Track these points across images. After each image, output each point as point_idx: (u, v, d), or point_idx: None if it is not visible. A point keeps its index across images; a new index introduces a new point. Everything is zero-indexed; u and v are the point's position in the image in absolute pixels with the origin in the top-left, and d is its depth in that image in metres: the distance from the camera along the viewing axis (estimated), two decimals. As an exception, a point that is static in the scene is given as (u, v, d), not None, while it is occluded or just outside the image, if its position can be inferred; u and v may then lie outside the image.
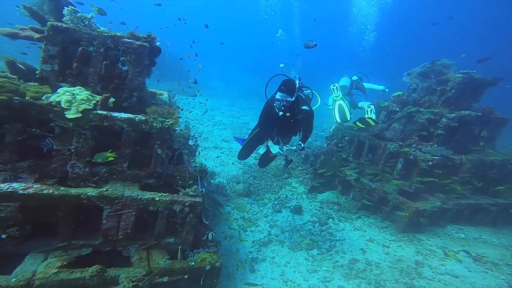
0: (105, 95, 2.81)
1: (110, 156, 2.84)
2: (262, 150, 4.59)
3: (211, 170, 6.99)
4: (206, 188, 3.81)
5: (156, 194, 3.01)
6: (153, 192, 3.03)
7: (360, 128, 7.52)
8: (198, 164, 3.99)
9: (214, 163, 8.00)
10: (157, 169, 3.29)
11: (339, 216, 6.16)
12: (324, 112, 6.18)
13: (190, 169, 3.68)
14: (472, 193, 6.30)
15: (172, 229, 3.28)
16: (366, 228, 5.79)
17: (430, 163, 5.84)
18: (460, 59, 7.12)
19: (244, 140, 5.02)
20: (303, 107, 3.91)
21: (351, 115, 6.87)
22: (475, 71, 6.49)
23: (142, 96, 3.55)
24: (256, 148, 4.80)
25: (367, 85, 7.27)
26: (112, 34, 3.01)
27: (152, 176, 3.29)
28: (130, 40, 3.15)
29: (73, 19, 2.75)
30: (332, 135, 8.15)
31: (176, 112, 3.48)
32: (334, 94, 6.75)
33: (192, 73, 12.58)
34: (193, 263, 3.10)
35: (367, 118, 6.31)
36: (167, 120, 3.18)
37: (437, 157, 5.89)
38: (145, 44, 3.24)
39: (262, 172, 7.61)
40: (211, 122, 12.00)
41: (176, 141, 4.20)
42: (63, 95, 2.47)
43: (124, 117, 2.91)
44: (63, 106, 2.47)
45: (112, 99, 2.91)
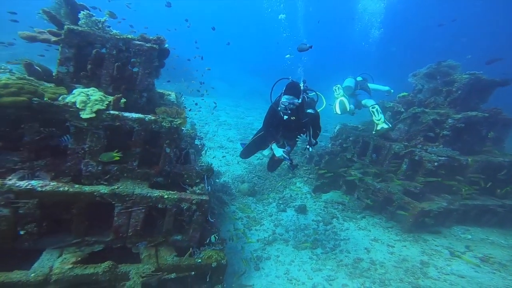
0: (117, 96, 2.91)
1: (116, 156, 2.93)
2: (266, 152, 4.64)
3: (217, 169, 7.07)
4: (212, 187, 3.88)
5: (165, 192, 3.10)
6: (161, 190, 3.11)
7: (366, 128, 7.54)
8: (204, 163, 4.07)
9: (219, 162, 8.09)
10: (165, 167, 3.38)
11: (343, 215, 6.18)
12: (329, 113, 6.19)
13: (196, 168, 3.76)
14: (479, 194, 6.24)
15: (179, 226, 3.36)
16: (371, 228, 5.80)
17: (436, 164, 5.82)
18: (465, 60, 7.06)
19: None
20: (308, 111, 3.87)
21: (352, 106, 6.91)
22: (482, 72, 6.45)
23: (151, 97, 3.66)
24: (260, 150, 4.82)
25: (372, 85, 7.27)
26: (124, 36, 3.11)
27: (160, 175, 3.38)
28: (140, 42, 3.25)
29: (88, 22, 2.87)
30: (336, 135, 8.16)
31: (184, 112, 3.58)
32: (336, 93, 6.88)
33: (198, 73, 12.77)
34: (199, 260, 3.17)
35: (380, 127, 6.42)
36: (176, 120, 3.27)
37: (443, 157, 5.87)
38: (154, 46, 3.34)
39: (267, 172, 7.65)
40: (216, 122, 12.11)
41: (183, 140, 4.29)
42: (78, 96, 2.58)
43: (135, 117, 3.01)
44: (78, 106, 2.57)
45: (123, 100, 3.01)
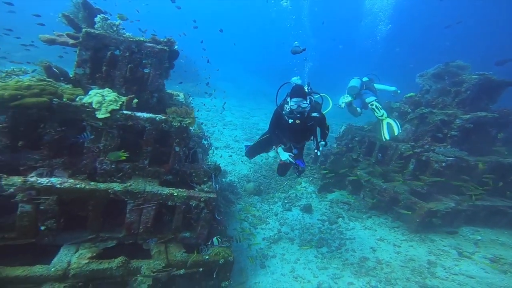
0: (129, 96, 3.02)
1: (122, 155, 3.04)
2: (272, 154, 4.68)
3: (223, 169, 7.16)
4: (219, 185, 3.95)
5: (174, 189, 3.19)
6: (171, 188, 3.21)
7: (372, 129, 7.52)
8: (211, 162, 4.15)
9: (226, 162, 8.19)
10: (175, 166, 3.48)
11: (349, 215, 6.19)
12: (334, 113, 6.16)
13: (204, 166, 3.85)
14: (489, 195, 6.17)
15: (187, 224, 3.46)
16: (377, 228, 5.79)
17: (444, 164, 5.78)
18: (472, 61, 6.98)
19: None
20: (313, 114, 3.82)
21: (359, 109, 6.79)
22: (491, 73, 6.37)
23: (161, 97, 3.76)
24: (265, 152, 4.85)
25: (378, 86, 7.24)
26: (136, 39, 3.22)
27: (170, 173, 3.48)
28: (152, 45, 3.36)
29: (103, 25, 2.99)
30: (342, 135, 8.16)
31: (193, 112, 3.67)
32: (377, 113, 6.49)
33: (205, 74, 12.97)
34: (207, 257, 3.26)
35: (384, 135, 6.36)
36: (185, 120, 3.37)
37: (450, 158, 5.82)
38: (165, 48, 3.44)
39: (272, 172, 7.72)
40: (222, 122, 12.24)
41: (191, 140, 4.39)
42: (94, 96, 2.69)
43: (146, 116, 3.12)
44: (94, 106, 2.69)
45: (135, 100, 3.12)
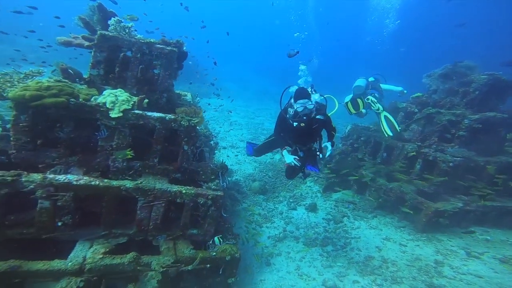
0: (141, 97, 3.13)
1: (129, 154, 3.14)
2: (278, 156, 4.74)
3: (229, 168, 7.24)
4: (226, 184, 4.03)
5: (183, 187, 3.28)
6: (180, 186, 3.30)
7: (377, 129, 7.48)
8: (218, 161, 4.23)
9: (232, 161, 8.28)
10: (183, 164, 3.58)
11: (354, 214, 6.19)
12: (340, 113, 6.13)
13: (211, 165, 3.94)
14: (498, 195, 6.08)
15: (194, 221, 3.54)
16: (382, 227, 5.78)
17: (451, 164, 5.72)
18: (476, 61, 6.88)
19: (255, 144, 5.19)
20: (317, 116, 3.81)
21: (364, 110, 6.78)
22: (501, 73, 6.28)
23: (170, 97, 3.87)
24: (271, 152, 4.90)
25: (384, 86, 7.21)
26: (147, 40, 3.33)
27: (179, 171, 3.58)
28: (161, 46, 3.47)
29: (117, 28, 3.11)
30: (347, 135, 8.15)
31: (201, 111, 3.76)
32: (374, 107, 6.57)
33: (212, 75, 13.15)
34: (214, 253, 3.34)
35: (385, 131, 6.35)
36: (193, 119, 3.46)
37: (458, 158, 5.76)
38: (174, 49, 3.54)
39: (278, 171, 7.77)
40: (228, 122, 12.36)
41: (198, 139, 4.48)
42: (108, 96, 2.81)
43: (156, 116, 3.23)
44: (108, 106, 2.80)
45: (146, 100, 3.23)
